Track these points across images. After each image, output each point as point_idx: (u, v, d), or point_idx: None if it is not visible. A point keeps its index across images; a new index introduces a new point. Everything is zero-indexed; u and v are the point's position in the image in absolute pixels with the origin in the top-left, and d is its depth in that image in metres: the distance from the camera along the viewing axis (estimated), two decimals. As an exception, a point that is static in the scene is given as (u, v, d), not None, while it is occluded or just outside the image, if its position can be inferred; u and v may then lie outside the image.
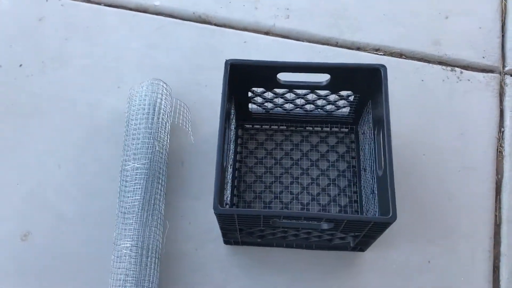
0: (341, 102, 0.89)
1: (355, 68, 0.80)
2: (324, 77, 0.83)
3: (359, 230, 0.73)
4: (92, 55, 1.05)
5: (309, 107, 0.91)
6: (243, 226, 0.75)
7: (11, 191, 0.92)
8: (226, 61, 0.79)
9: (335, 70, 0.80)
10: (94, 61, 1.04)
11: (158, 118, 0.90)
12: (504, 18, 1.08)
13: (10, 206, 0.91)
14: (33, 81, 1.02)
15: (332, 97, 0.87)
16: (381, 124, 0.77)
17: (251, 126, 0.97)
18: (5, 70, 1.03)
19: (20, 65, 1.04)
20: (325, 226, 0.72)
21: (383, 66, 0.78)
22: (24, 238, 0.89)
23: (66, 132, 0.98)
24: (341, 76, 0.81)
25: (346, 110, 0.91)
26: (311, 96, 0.88)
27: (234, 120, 0.91)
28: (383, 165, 0.75)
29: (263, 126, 0.97)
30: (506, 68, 1.03)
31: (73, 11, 1.09)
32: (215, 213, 0.69)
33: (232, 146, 0.89)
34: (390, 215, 0.68)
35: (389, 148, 0.72)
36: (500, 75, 1.02)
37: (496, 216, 0.90)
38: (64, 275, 0.86)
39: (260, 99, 0.90)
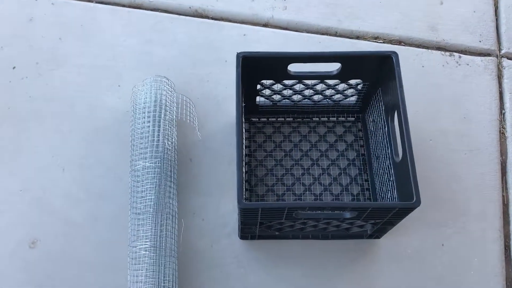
0: (349, 91, 0.89)
1: (366, 55, 0.81)
2: (334, 67, 0.83)
3: (381, 217, 0.73)
4: (89, 54, 1.02)
5: (316, 97, 0.91)
6: (264, 219, 0.75)
7: (15, 198, 0.89)
8: (238, 54, 0.78)
9: (346, 58, 0.80)
10: (91, 60, 1.01)
11: (165, 115, 0.88)
12: (497, 1, 1.10)
13: (15, 213, 0.88)
14: (29, 84, 0.99)
15: (341, 86, 0.87)
16: (395, 110, 0.78)
17: (258, 119, 0.96)
18: (-2, 73, 1.00)
19: (14, 68, 1.00)
20: (347, 215, 0.72)
21: (394, 53, 0.78)
22: (33, 245, 0.86)
23: (67, 134, 0.95)
24: (352, 64, 0.81)
25: (353, 99, 0.92)
26: (319, 86, 0.87)
27: (243, 114, 0.90)
28: (400, 151, 0.75)
29: (270, 119, 0.96)
30: (502, 51, 1.05)
31: (65, 10, 1.06)
32: (240, 208, 0.68)
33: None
34: (414, 200, 0.68)
35: (408, 133, 0.73)
36: (497, 58, 1.04)
37: (503, 196, 0.92)
38: (76, 280, 0.84)
39: (268, 92, 0.89)
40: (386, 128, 0.82)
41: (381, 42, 1.05)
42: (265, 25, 1.07)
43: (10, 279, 0.84)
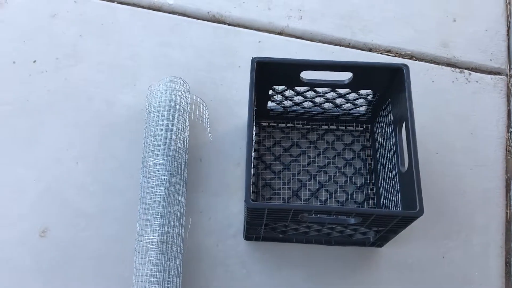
0: (359, 101, 0.91)
1: (377, 67, 0.83)
2: (346, 76, 0.85)
3: (384, 225, 0.75)
4: (107, 53, 1.05)
5: (326, 105, 0.93)
6: (270, 220, 0.76)
7: (29, 188, 0.92)
8: (253, 59, 0.80)
9: (358, 68, 0.82)
10: (109, 59, 1.04)
11: (179, 115, 0.91)
12: (509, 21, 1.11)
13: (27, 202, 0.91)
14: (48, 78, 1.02)
15: (351, 95, 0.89)
16: (403, 122, 0.79)
17: (267, 124, 0.98)
18: (19, 66, 1.03)
19: (34, 61, 1.03)
20: (352, 221, 0.74)
21: (406, 66, 0.80)
22: (43, 234, 0.89)
23: (83, 129, 0.97)
24: (363, 74, 0.83)
25: (363, 109, 0.94)
26: (330, 95, 0.89)
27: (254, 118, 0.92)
28: (406, 162, 0.77)
29: (280, 124, 0.98)
30: (512, 71, 1.07)
31: (86, 8, 1.09)
32: (247, 207, 0.70)
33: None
34: (418, 209, 0.70)
35: (414, 145, 0.75)
36: (507, 77, 1.06)
37: (507, 213, 0.93)
38: (84, 271, 0.86)
39: (279, 97, 0.91)
40: (393, 139, 0.84)
41: (393, 56, 1.08)
42: (280, 33, 1.10)
43: (19, 266, 0.86)
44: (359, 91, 0.88)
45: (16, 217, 0.89)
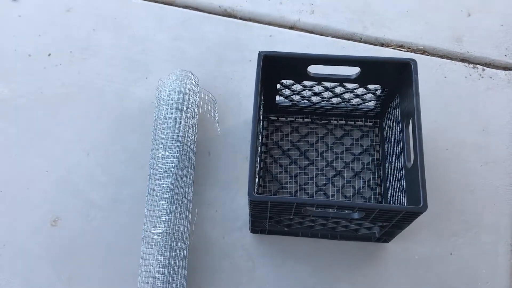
0: (367, 96, 0.90)
1: (385, 61, 0.82)
2: (353, 71, 0.85)
3: (388, 220, 0.74)
4: (120, 46, 1.07)
5: (335, 100, 0.93)
6: (274, 214, 0.77)
7: (41, 177, 0.94)
8: (260, 53, 0.80)
9: (365, 63, 0.81)
10: (122, 52, 1.06)
11: (188, 108, 0.92)
12: (526, 17, 1.09)
13: (39, 192, 0.93)
14: (62, 71, 1.04)
15: (360, 90, 0.89)
16: (410, 117, 0.79)
17: (276, 118, 0.98)
18: (34, 59, 1.05)
19: (49, 55, 1.05)
20: (355, 215, 0.74)
21: (413, 60, 0.80)
22: (54, 223, 0.91)
23: (95, 121, 0.99)
24: (371, 69, 0.82)
25: (371, 104, 0.93)
26: (338, 89, 0.89)
27: (261, 112, 0.92)
28: (412, 157, 0.77)
29: (288, 119, 0.98)
30: (528, 66, 1.04)
31: (100, 3, 1.11)
32: (250, 200, 0.71)
33: (259, 138, 0.91)
34: (421, 204, 0.69)
35: (420, 140, 0.74)
36: (522, 73, 1.04)
37: (517, 210, 0.92)
38: (93, 260, 0.88)
39: (287, 91, 0.91)
40: (401, 134, 0.83)
41: (405, 51, 1.07)
42: (292, 27, 1.10)
43: (31, 254, 0.89)
44: (367, 86, 0.87)
45: (29, 207, 0.92)
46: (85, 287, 0.86)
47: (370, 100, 0.92)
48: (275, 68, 0.84)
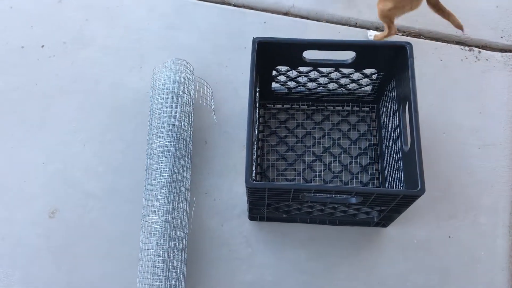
0: (364, 81, 0.90)
1: (381, 45, 0.81)
2: (349, 55, 0.84)
3: (386, 204, 0.74)
4: (113, 36, 1.06)
5: (331, 86, 0.92)
6: (272, 200, 0.77)
7: (38, 170, 0.94)
8: (254, 39, 0.80)
9: (361, 47, 0.81)
10: (115, 42, 1.05)
11: (183, 97, 0.91)
12: (522, -2, 1.09)
13: (37, 184, 0.93)
14: (56, 62, 1.03)
15: (356, 75, 0.88)
16: (407, 101, 0.78)
17: (272, 105, 0.98)
18: (27, 51, 1.04)
19: (42, 46, 1.04)
20: (353, 200, 0.73)
21: (409, 44, 0.79)
22: (52, 215, 0.91)
23: (90, 111, 0.99)
24: (366, 54, 0.82)
25: (368, 88, 0.93)
26: (334, 75, 0.89)
27: (257, 99, 0.92)
28: (409, 140, 0.76)
29: (285, 106, 0.98)
30: (524, 48, 1.04)
31: (92, -8, 1.10)
32: (247, 187, 0.71)
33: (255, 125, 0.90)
34: (419, 188, 0.69)
35: (417, 123, 0.74)
36: (518, 54, 1.03)
37: (515, 192, 0.92)
38: (92, 249, 0.88)
39: (283, 78, 0.91)
40: (397, 118, 0.83)
41: (400, 35, 1.06)
42: (286, 13, 1.09)
43: (30, 245, 0.88)
44: (363, 71, 0.87)
45: (26, 199, 0.92)
46: (85, 277, 0.86)
47: (366, 85, 0.91)
48: (270, 55, 0.83)
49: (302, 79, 0.91)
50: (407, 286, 0.86)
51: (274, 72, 0.89)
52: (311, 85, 0.93)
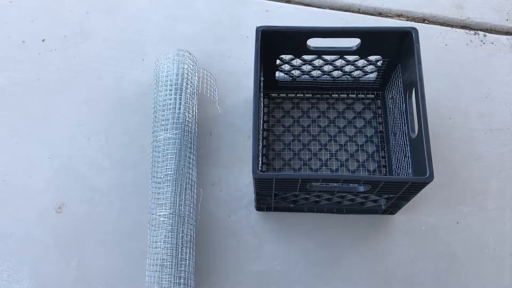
0: (369, 68, 0.89)
1: (385, 31, 0.80)
2: (353, 42, 0.83)
3: (394, 192, 0.74)
4: (114, 28, 1.05)
5: (336, 73, 0.91)
6: (279, 190, 0.76)
7: (43, 165, 0.94)
8: (257, 28, 0.79)
9: (365, 34, 0.80)
10: (117, 34, 1.04)
11: (187, 89, 0.91)
12: (527, -21, 1.07)
13: (42, 179, 0.93)
14: (57, 56, 1.02)
15: (361, 62, 0.88)
16: (413, 87, 0.78)
17: (277, 94, 0.97)
18: (28, 46, 1.03)
19: (43, 40, 1.04)
20: (361, 188, 0.73)
21: (414, 29, 0.78)
22: (59, 210, 0.91)
23: (93, 105, 0.98)
24: (371, 40, 0.81)
25: (373, 75, 0.92)
26: (339, 62, 0.88)
27: (261, 89, 0.91)
28: (416, 127, 0.76)
29: (289, 95, 0.97)
30: (530, 30, 1.03)
31: (92, -16, 1.09)
32: (254, 178, 0.70)
33: (260, 115, 0.90)
34: (427, 175, 0.69)
35: (424, 110, 0.73)
36: (524, 37, 1.02)
37: (523, 176, 0.92)
38: (99, 244, 0.88)
39: (287, 67, 0.90)
40: (404, 105, 0.82)
41: (404, 20, 1.05)
42: (288, 1, 1.07)
43: (37, 242, 0.88)
44: (368, 57, 0.86)
45: (32, 194, 0.91)
46: (94, 272, 0.86)
47: (372, 72, 0.90)
48: (274, 43, 0.82)
49: (306, 67, 0.90)
50: (415, 272, 0.86)
51: (278, 61, 0.88)
52: (316, 73, 0.92)
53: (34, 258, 0.87)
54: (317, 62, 0.88)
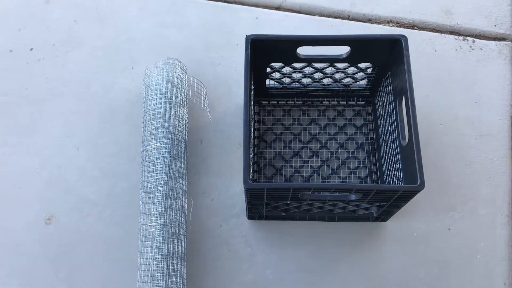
0: (359, 75, 0.89)
1: (375, 39, 0.81)
2: (343, 50, 0.83)
3: (386, 200, 0.74)
4: (104, 36, 1.04)
5: (326, 81, 0.91)
6: (270, 200, 0.76)
7: (32, 176, 0.93)
8: (247, 37, 0.78)
9: (355, 42, 0.80)
10: (106, 43, 1.03)
11: (177, 97, 0.90)
12: (514, -15, 1.08)
13: (31, 190, 0.91)
14: (46, 65, 1.01)
15: (351, 70, 0.88)
16: (403, 94, 0.78)
17: (267, 102, 0.97)
18: (16, 55, 1.02)
19: (31, 49, 1.03)
20: (352, 197, 0.73)
21: (404, 36, 0.78)
22: (48, 221, 0.90)
23: (82, 114, 0.97)
24: (361, 48, 0.81)
25: (363, 82, 0.92)
26: (329, 70, 0.88)
27: (252, 97, 0.91)
28: (407, 135, 0.76)
29: (280, 102, 0.97)
30: (518, 36, 1.03)
31: (80, -8, 1.08)
32: (246, 188, 0.70)
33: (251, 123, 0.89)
34: (418, 183, 0.69)
35: (414, 117, 0.73)
36: (512, 42, 1.03)
37: (513, 182, 0.92)
38: (90, 255, 0.87)
39: (277, 75, 0.90)
40: (394, 112, 0.82)
41: (393, 26, 1.05)
42: (278, 8, 1.07)
43: (27, 253, 0.87)
44: (358, 65, 0.86)
45: (22, 206, 0.90)
46: (84, 283, 0.85)
47: (362, 79, 0.90)
48: (263, 52, 0.82)
49: (297, 75, 0.90)
50: (408, 279, 0.86)
51: (268, 69, 0.88)
52: (306, 80, 0.92)
53: (24, 270, 0.86)
54: (307, 70, 0.88)
